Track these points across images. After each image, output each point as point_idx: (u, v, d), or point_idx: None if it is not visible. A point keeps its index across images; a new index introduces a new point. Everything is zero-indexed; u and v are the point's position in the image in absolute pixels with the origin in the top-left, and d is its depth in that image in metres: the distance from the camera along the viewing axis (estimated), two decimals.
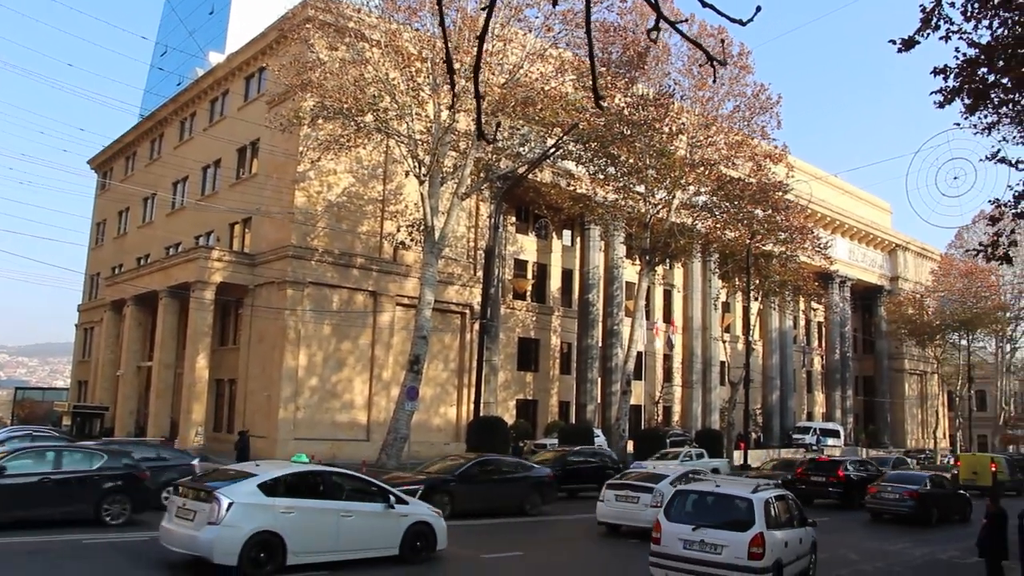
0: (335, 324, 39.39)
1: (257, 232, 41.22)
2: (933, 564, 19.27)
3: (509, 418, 46.67)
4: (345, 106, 30.77)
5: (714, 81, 38.26)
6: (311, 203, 39.07)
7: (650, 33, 5.54)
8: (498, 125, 31.59)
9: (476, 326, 40.38)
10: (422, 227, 33.49)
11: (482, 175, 36.28)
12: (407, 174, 36.22)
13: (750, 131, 42.70)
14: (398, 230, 37.55)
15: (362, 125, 31.92)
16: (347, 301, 40.06)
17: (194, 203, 46.30)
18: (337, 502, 14.56)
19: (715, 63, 5.48)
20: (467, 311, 44.60)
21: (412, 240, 35.71)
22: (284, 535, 13.39)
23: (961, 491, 31.16)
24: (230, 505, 12.94)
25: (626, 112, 36.90)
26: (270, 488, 13.72)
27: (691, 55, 40.98)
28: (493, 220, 41.22)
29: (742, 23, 5.09)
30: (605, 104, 35.15)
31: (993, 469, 37.80)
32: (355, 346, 40.21)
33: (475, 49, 29.98)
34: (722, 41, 36.32)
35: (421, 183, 32.66)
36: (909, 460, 50.05)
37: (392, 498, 15.36)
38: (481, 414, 36.57)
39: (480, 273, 41.65)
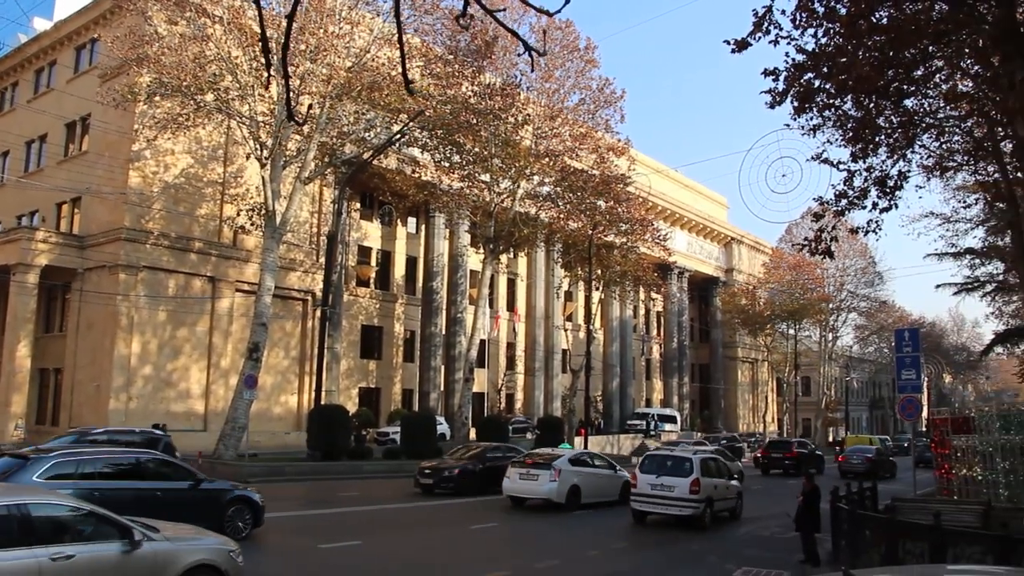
0: (171, 310, 37.99)
1: (87, 213, 39.19)
2: (755, 540, 20.13)
3: (352, 406, 46.20)
4: (184, 84, 29.57)
5: (532, 71, 38.32)
6: (147, 184, 37.50)
7: (459, 20, 5.50)
8: (310, 107, 30.86)
9: (318, 313, 39.70)
10: (263, 211, 32.55)
11: (326, 159, 35.57)
12: (248, 156, 35.10)
13: (594, 124, 43.54)
14: (238, 214, 36.30)
15: (202, 104, 30.74)
16: (184, 286, 38.73)
17: (16, 180, 43.53)
18: (596, 469, 25.15)
19: (532, 53, 5.50)
20: (309, 298, 43.90)
21: (253, 224, 34.64)
22: (581, 486, 23.57)
23: (891, 458, 46.77)
24: (560, 471, 23.05)
25: (472, 101, 36.99)
26: (573, 461, 24.11)
27: (538, 46, 41.47)
28: (336, 206, 40.65)
29: (549, 14, 5.14)
30: (451, 92, 35.19)
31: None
32: (192, 333, 38.93)
33: (320, 31, 29.53)
34: (543, 32, 36.75)
35: (263, 166, 31.78)
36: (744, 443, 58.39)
37: (617, 466, 26.44)
38: (323, 402, 35.99)
39: (323, 259, 40.95)
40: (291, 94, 30.36)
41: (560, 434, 45.52)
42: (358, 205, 51.54)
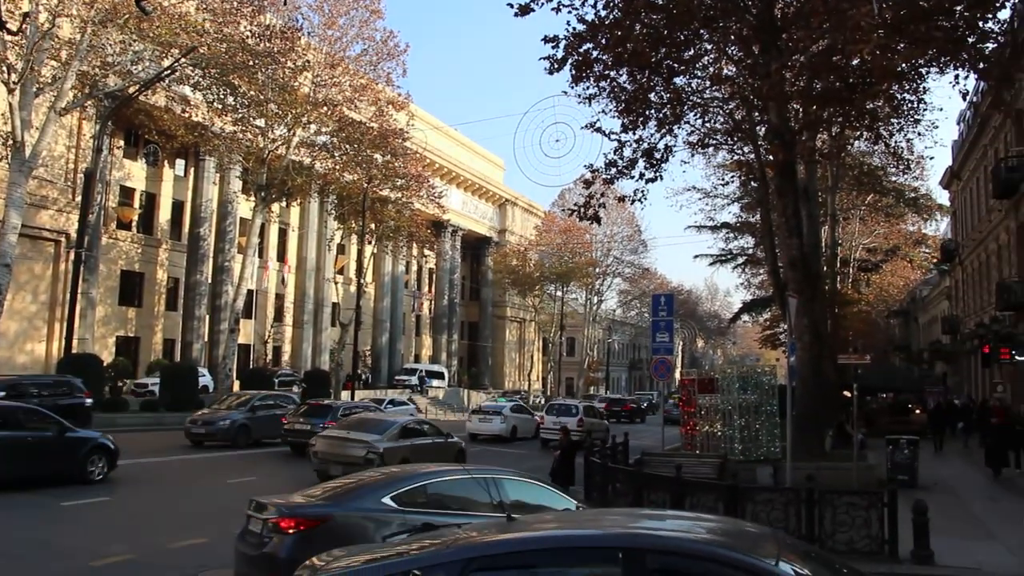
0: None
1: None
2: None
3: (108, 356, 43.77)
4: None
5: (284, 3, 37.22)
6: None
7: None
8: (26, 15, 28.32)
9: (72, 255, 37.17)
10: (10, 142, 29.89)
11: (86, 90, 33.06)
12: None
13: (376, 76, 42.98)
14: None
15: None
16: None
17: None
18: (527, 415, 37.55)
19: None
20: (63, 239, 40.96)
21: None
22: (517, 426, 35.17)
23: None
24: (506, 417, 34.96)
25: (250, 41, 35.51)
26: (513, 408, 37.27)
27: None
28: (96, 141, 38.00)
29: None
30: (228, 30, 33.62)
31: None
32: None
33: None
34: None
35: (11, 92, 29.02)
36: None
37: (535, 414, 38.49)
38: (74, 351, 33.89)
39: (79, 198, 38.26)
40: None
41: (327, 388, 45.16)
42: (121, 143, 48.47)
